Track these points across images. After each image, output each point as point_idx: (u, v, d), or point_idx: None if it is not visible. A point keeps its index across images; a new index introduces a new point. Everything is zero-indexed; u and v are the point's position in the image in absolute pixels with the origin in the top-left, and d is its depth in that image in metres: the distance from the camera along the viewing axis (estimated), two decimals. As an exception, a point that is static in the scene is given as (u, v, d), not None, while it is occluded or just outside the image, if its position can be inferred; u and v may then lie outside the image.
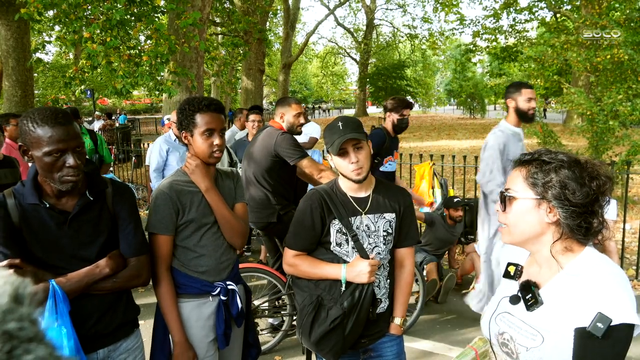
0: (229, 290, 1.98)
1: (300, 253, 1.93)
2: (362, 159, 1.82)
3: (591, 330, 1.07)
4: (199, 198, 1.91)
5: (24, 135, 1.51)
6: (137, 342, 1.83)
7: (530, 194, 1.20)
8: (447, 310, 4.11)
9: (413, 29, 32.08)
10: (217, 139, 1.88)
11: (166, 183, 1.90)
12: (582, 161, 1.19)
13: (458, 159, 8.86)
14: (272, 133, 3.25)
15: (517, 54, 20.75)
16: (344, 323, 1.81)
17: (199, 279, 1.93)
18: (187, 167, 1.92)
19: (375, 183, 1.96)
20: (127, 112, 36.20)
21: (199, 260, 1.92)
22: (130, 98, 9.53)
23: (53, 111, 1.53)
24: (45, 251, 1.57)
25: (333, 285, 1.84)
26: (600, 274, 1.14)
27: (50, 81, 25.02)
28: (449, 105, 50.78)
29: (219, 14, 13.03)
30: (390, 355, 1.99)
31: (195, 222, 1.89)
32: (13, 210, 1.54)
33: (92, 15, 6.63)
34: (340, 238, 1.87)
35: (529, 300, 1.22)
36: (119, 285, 1.68)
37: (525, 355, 1.21)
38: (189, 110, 1.88)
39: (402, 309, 1.99)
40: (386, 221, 1.91)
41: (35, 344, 0.36)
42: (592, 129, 7.01)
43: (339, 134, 1.81)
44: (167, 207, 1.85)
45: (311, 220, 1.88)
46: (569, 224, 1.17)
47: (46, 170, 1.52)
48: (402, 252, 2.00)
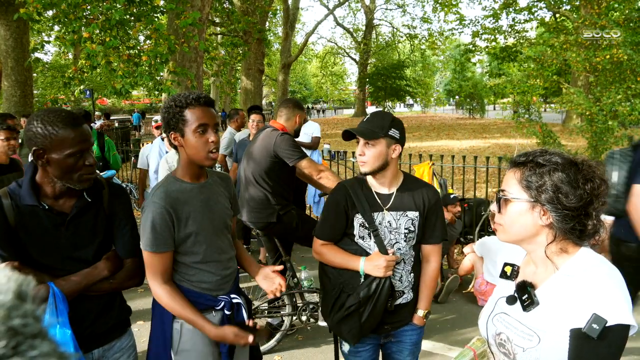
0: (234, 304, 1.90)
1: (327, 242, 2.04)
2: (368, 155, 1.89)
3: (586, 332, 1.07)
4: (197, 209, 1.77)
5: (43, 138, 1.48)
6: (130, 341, 1.83)
7: (524, 197, 1.20)
8: (447, 310, 4.11)
9: (412, 29, 32.06)
10: (212, 135, 1.71)
11: (159, 193, 1.72)
12: (578, 162, 1.19)
13: (457, 159, 8.86)
14: (271, 134, 3.25)
15: (516, 54, 20.73)
16: (359, 311, 1.91)
17: (202, 293, 1.84)
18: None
19: (402, 180, 2.01)
20: (126, 112, 36.19)
21: (202, 276, 1.83)
22: (129, 98, 9.52)
23: (68, 113, 1.55)
24: (42, 253, 1.56)
25: (355, 275, 1.95)
26: (595, 275, 1.14)
27: (49, 81, 24.99)
28: (448, 105, 50.78)
29: (219, 14, 13.03)
30: (409, 343, 2.10)
31: (194, 235, 1.76)
32: (9, 212, 1.53)
33: (91, 15, 6.62)
34: (363, 232, 1.96)
35: (525, 301, 1.22)
36: (116, 286, 1.69)
37: (522, 355, 1.21)
38: (175, 107, 1.69)
39: (425, 302, 2.08)
40: (408, 219, 1.97)
41: (39, 340, 0.37)
42: (591, 129, 7.01)
43: (358, 124, 1.94)
44: (163, 221, 1.68)
45: (336, 213, 1.98)
46: (562, 227, 1.17)
47: (67, 171, 1.53)
48: (428, 248, 2.08)
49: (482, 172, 9.21)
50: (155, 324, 1.84)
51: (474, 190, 5.62)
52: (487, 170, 5.49)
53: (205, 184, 1.85)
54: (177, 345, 1.80)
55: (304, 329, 3.68)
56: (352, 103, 53.04)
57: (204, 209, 1.79)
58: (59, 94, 11.42)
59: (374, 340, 2.08)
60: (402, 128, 1.95)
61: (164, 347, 1.80)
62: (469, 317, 3.92)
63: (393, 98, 38.13)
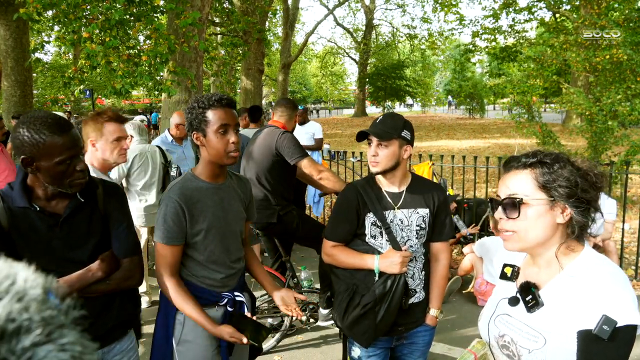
0: (237, 302, 1.94)
1: (338, 244, 2.04)
2: (381, 155, 1.91)
3: (597, 333, 1.06)
4: (210, 208, 1.83)
5: (30, 147, 1.46)
6: (131, 343, 1.81)
7: (542, 196, 1.18)
8: (447, 310, 4.10)
9: (412, 29, 32.00)
10: (233, 136, 1.78)
11: (175, 189, 1.80)
12: (571, 161, 1.21)
13: (457, 159, 8.86)
14: (273, 132, 3.25)
15: (516, 54, 20.72)
16: (375, 310, 1.91)
17: (207, 289, 1.89)
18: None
19: (411, 179, 2.03)
20: (125, 112, 36.05)
21: (207, 273, 1.88)
22: (129, 98, 9.51)
23: (54, 119, 1.50)
24: (36, 254, 1.54)
25: (368, 275, 1.95)
26: (601, 276, 1.14)
27: (49, 81, 24.97)
28: (448, 105, 50.74)
29: (218, 14, 13.01)
30: (422, 344, 2.11)
31: (205, 232, 1.83)
32: (2, 214, 1.51)
33: (91, 15, 6.62)
34: (375, 230, 1.97)
35: (529, 302, 1.21)
36: (112, 287, 1.66)
37: (527, 357, 1.20)
38: (198, 108, 1.77)
39: (437, 301, 2.10)
40: (419, 216, 1.99)
41: (66, 329, 0.42)
42: (591, 129, 7.01)
43: (370, 126, 1.95)
44: (176, 216, 1.76)
45: (347, 213, 1.98)
46: (581, 221, 1.17)
47: (57, 178, 1.50)
48: (437, 246, 2.10)
49: (482, 172, 9.21)
50: (160, 315, 1.91)
51: (474, 190, 5.62)
52: (487, 170, 5.49)
53: (222, 185, 1.90)
54: (179, 336, 1.86)
55: (304, 329, 3.68)
56: (352, 103, 52.99)
57: (217, 209, 1.85)
58: (59, 94, 11.40)
59: (386, 344, 2.07)
60: (412, 130, 2.00)
61: (167, 337, 1.86)
62: (469, 317, 3.92)
63: (393, 98, 38.13)
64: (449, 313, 4.08)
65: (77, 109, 27.30)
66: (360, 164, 6.57)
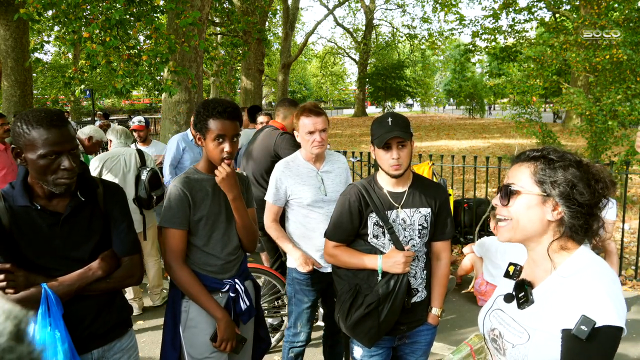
0: (237, 289, 2.04)
1: (340, 244, 2.05)
2: (403, 157, 1.92)
3: (575, 333, 1.07)
4: (209, 196, 1.97)
5: (18, 137, 1.48)
6: (131, 341, 1.83)
7: (536, 190, 1.20)
8: (447, 310, 4.10)
9: (412, 29, 32.01)
10: (228, 145, 1.89)
11: (180, 179, 1.96)
12: (584, 162, 1.20)
13: (457, 159, 8.87)
14: (271, 133, 3.25)
15: (516, 54, 20.72)
16: (379, 309, 1.92)
17: (208, 276, 1.98)
18: (219, 173, 1.91)
19: (412, 179, 2.05)
20: (125, 112, 36.12)
21: (208, 259, 1.98)
22: (129, 98, 9.52)
23: (48, 113, 1.50)
24: (37, 253, 1.55)
25: (371, 275, 1.96)
26: (588, 276, 1.14)
27: (49, 81, 24.98)
28: (448, 105, 50.76)
29: (218, 14, 13.01)
30: (424, 343, 2.12)
31: (205, 219, 1.95)
32: (3, 213, 1.52)
33: (91, 15, 6.61)
34: (377, 230, 1.98)
35: (521, 299, 1.24)
36: (113, 285, 1.68)
37: (511, 351, 1.23)
38: (203, 115, 1.91)
39: (439, 300, 2.11)
40: (421, 215, 2.01)
41: None
42: (591, 129, 7.02)
43: (386, 129, 1.90)
44: (181, 202, 1.90)
45: (349, 214, 1.99)
46: (573, 223, 1.18)
47: (40, 172, 1.50)
48: (438, 245, 2.11)
49: (482, 172, 9.22)
50: (169, 302, 2.02)
51: (473, 190, 5.62)
52: (487, 170, 5.50)
53: None
54: (185, 322, 1.97)
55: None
56: (351, 103, 53.01)
57: (216, 197, 1.99)
58: (59, 94, 11.41)
59: (388, 343, 2.08)
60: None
61: (175, 324, 1.98)
62: (469, 317, 3.92)
63: (393, 98, 38.17)
64: (449, 313, 4.08)
65: (77, 109, 27.30)
66: (360, 164, 6.56)
